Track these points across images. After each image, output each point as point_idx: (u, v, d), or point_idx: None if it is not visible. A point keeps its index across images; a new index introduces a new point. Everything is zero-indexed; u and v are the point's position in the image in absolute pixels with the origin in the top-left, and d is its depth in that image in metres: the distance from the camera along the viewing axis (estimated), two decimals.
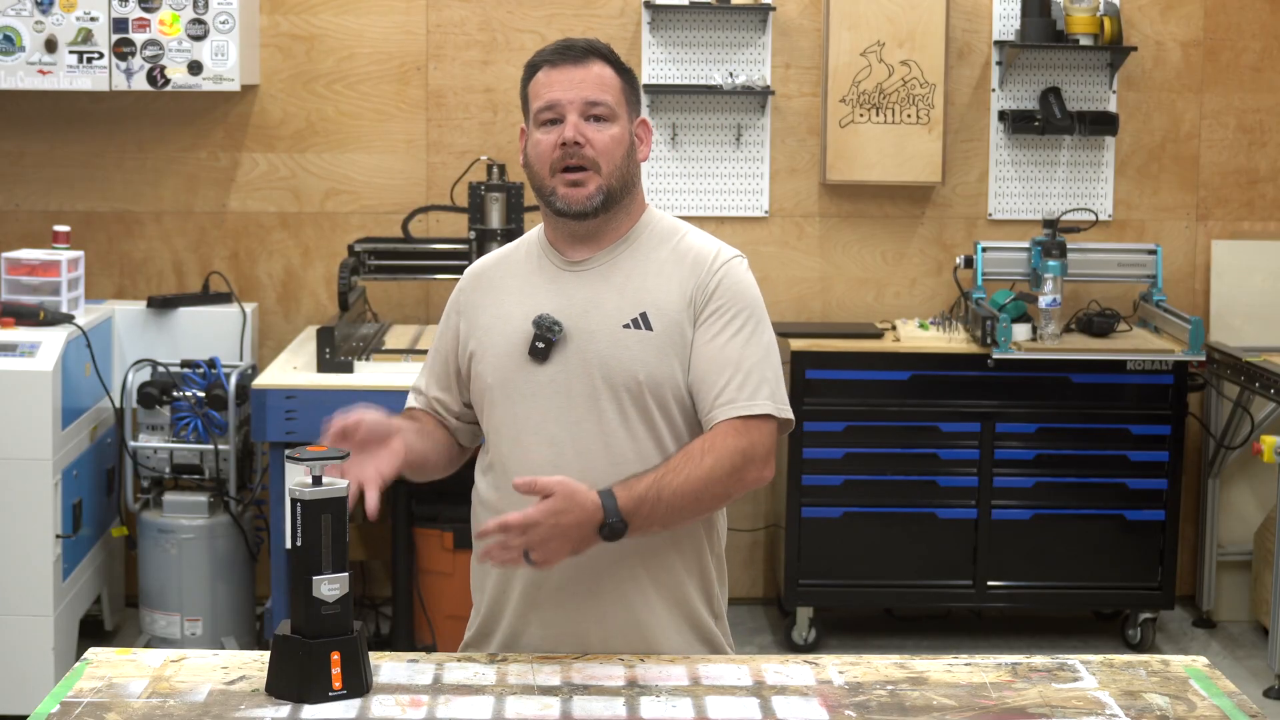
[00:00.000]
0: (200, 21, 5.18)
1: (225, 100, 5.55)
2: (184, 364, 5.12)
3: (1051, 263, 5.27)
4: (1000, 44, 5.60)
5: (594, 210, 2.62)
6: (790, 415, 2.63)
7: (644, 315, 2.63)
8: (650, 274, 2.66)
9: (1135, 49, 5.56)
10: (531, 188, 2.69)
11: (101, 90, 5.22)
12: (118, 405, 5.15)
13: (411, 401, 2.84)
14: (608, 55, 2.68)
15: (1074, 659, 2.58)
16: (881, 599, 5.47)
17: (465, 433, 2.80)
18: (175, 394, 5.06)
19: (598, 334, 2.63)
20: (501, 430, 2.67)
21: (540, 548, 2.42)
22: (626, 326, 2.63)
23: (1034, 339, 5.24)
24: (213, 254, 5.62)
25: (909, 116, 5.53)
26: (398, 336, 5.32)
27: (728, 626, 2.79)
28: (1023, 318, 5.25)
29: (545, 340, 2.63)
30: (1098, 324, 5.35)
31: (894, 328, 5.50)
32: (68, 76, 5.17)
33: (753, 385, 2.59)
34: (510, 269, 2.75)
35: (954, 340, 5.31)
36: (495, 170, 5.34)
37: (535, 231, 2.79)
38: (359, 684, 2.38)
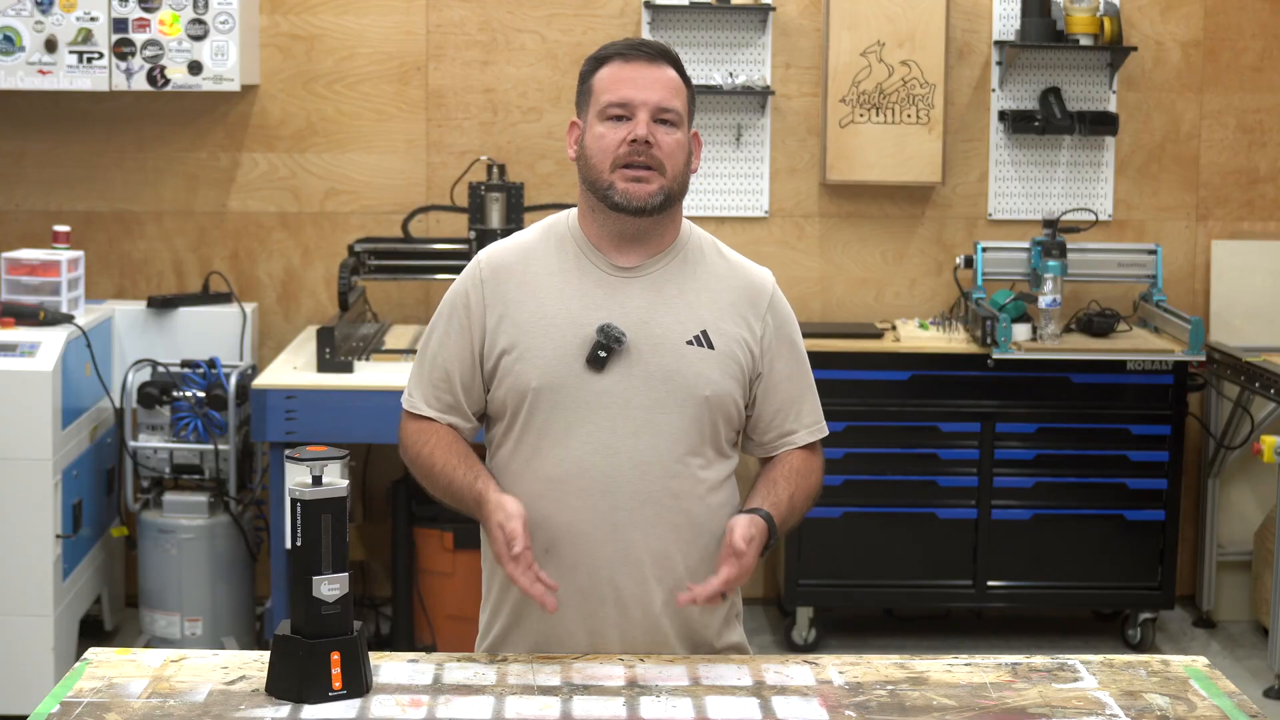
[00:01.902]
0: (200, 21, 5.18)
1: (225, 100, 5.55)
2: (184, 364, 5.12)
3: (1051, 263, 5.27)
4: (1000, 44, 5.60)
5: (653, 209, 2.61)
6: (827, 430, 2.83)
7: (705, 333, 2.65)
8: (702, 289, 2.68)
9: (1135, 49, 5.56)
10: (584, 180, 2.65)
11: (101, 90, 5.22)
12: (118, 405, 5.15)
13: (424, 407, 2.69)
14: (676, 62, 2.69)
15: (1074, 659, 2.58)
16: (881, 599, 5.47)
17: (471, 432, 2.74)
18: (175, 394, 5.06)
19: (661, 347, 2.62)
20: (545, 435, 2.62)
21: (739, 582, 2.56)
22: (690, 343, 2.63)
23: (1034, 339, 5.24)
24: (213, 254, 5.62)
25: (909, 116, 5.53)
26: (398, 336, 5.32)
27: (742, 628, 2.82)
28: (1023, 318, 5.25)
29: (609, 349, 2.60)
30: (1098, 324, 5.35)
31: (894, 328, 5.50)
32: (68, 76, 5.18)
33: (816, 409, 2.77)
34: (540, 263, 2.68)
35: (954, 340, 5.31)
36: (495, 170, 5.34)
37: (559, 225, 2.72)
38: (359, 684, 2.38)
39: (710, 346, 2.64)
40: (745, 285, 2.72)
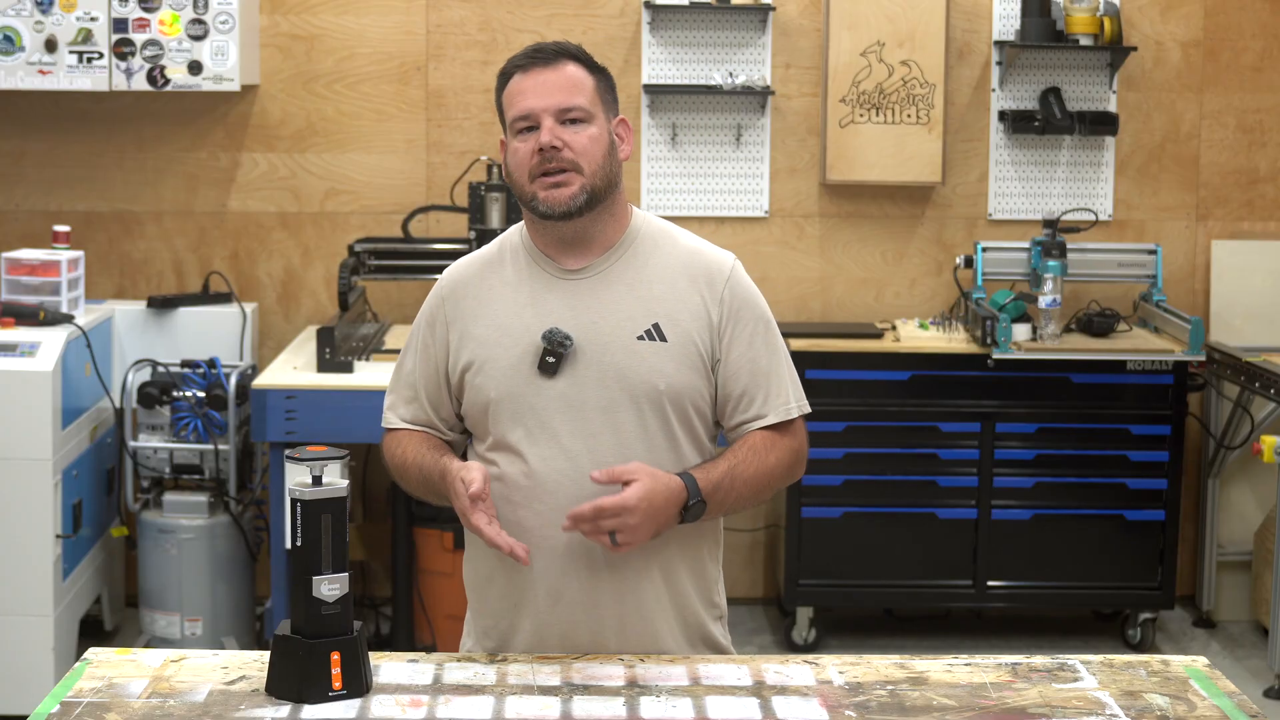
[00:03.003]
0: (200, 21, 5.19)
1: (225, 100, 5.55)
2: (184, 364, 5.12)
3: (1051, 263, 5.27)
4: (1000, 44, 5.60)
5: (578, 210, 2.59)
6: (809, 408, 2.73)
7: (656, 326, 2.62)
8: (654, 282, 2.65)
9: (1135, 49, 5.56)
10: (515, 196, 2.67)
11: (101, 90, 5.22)
12: (118, 405, 5.15)
13: (398, 421, 2.75)
14: (579, 55, 2.65)
15: (1074, 659, 2.58)
16: (881, 599, 5.47)
17: (456, 444, 2.77)
18: (175, 394, 5.06)
19: (611, 345, 2.60)
20: (509, 444, 2.62)
21: (628, 531, 2.47)
22: (641, 338, 2.61)
23: (1034, 339, 5.24)
24: (213, 254, 5.62)
25: (909, 116, 5.53)
26: (398, 336, 5.32)
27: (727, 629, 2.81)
28: (1023, 318, 5.25)
29: (556, 354, 2.59)
30: (1098, 324, 5.35)
31: (894, 328, 5.50)
32: (68, 76, 5.18)
33: (786, 390, 2.69)
34: (497, 276, 2.69)
35: (954, 340, 5.31)
36: (495, 170, 5.34)
37: (514, 235, 2.73)
38: (359, 684, 2.38)
39: (663, 339, 2.61)
40: (701, 269, 2.67)
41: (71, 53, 5.16)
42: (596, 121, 2.61)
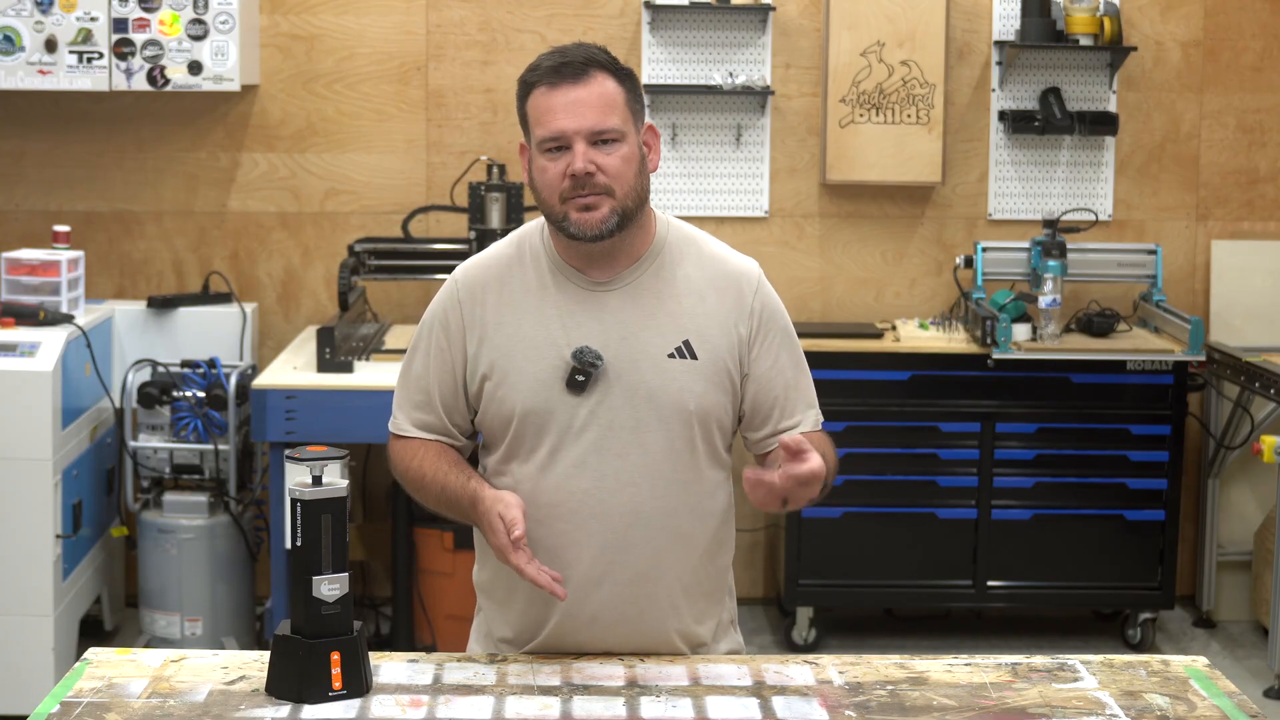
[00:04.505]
0: (200, 21, 5.19)
1: (225, 100, 5.55)
2: (184, 364, 5.12)
3: (1051, 263, 5.27)
4: (1000, 44, 5.60)
5: (609, 233, 2.52)
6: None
7: (687, 343, 2.58)
8: (683, 295, 2.60)
9: (1135, 49, 5.56)
10: (540, 210, 2.59)
11: (101, 90, 5.22)
12: (118, 405, 5.15)
13: (410, 428, 2.67)
14: (607, 64, 2.57)
15: (1074, 659, 2.58)
16: (881, 599, 5.47)
17: (464, 449, 2.71)
18: (175, 394, 5.06)
19: (641, 364, 2.56)
20: (532, 459, 2.58)
21: (797, 498, 2.43)
22: (671, 355, 2.57)
23: (1034, 339, 5.24)
24: (213, 254, 5.62)
25: (909, 116, 5.53)
26: (398, 336, 5.32)
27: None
28: (1023, 318, 5.25)
29: (586, 374, 2.54)
30: (1098, 324, 5.35)
31: (894, 328, 5.50)
32: (68, 76, 5.18)
33: (813, 398, 2.70)
34: (517, 280, 2.62)
35: (954, 340, 5.31)
36: (495, 170, 5.34)
37: (534, 236, 2.65)
38: (359, 684, 2.38)
39: (693, 357, 2.58)
40: (728, 283, 2.63)
41: (71, 53, 5.16)
42: (629, 140, 2.54)
